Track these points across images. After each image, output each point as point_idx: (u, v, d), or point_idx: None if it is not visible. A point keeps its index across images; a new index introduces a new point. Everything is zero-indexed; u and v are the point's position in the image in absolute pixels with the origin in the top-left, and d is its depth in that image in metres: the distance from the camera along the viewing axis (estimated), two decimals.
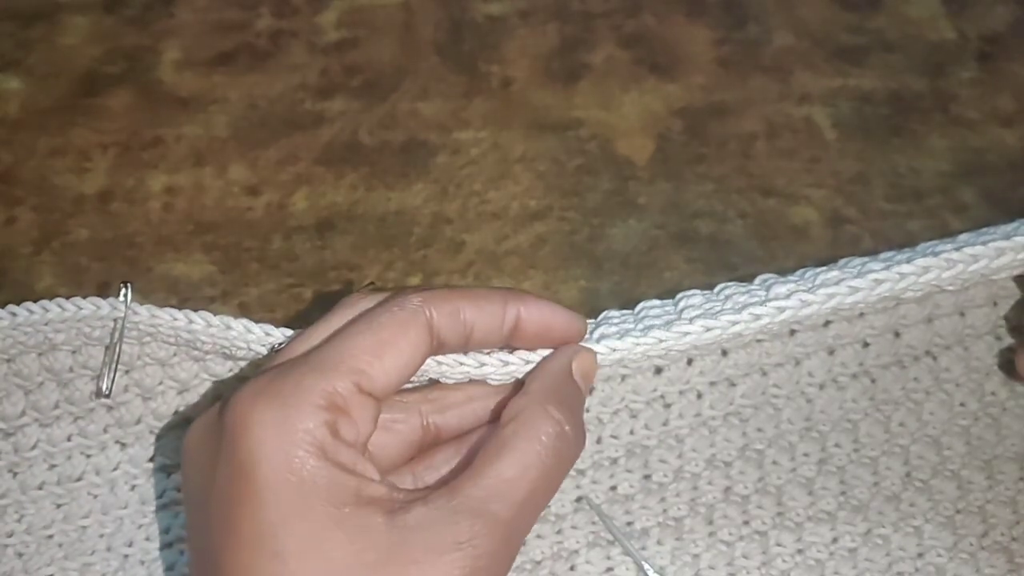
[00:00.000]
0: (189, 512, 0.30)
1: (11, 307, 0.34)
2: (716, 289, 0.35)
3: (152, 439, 0.36)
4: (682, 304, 0.34)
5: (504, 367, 0.32)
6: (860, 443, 0.36)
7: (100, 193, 0.45)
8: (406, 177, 0.46)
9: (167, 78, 0.50)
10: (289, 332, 0.33)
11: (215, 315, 0.33)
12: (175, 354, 0.35)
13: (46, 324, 0.34)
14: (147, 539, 0.35)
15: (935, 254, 0.33)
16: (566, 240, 0.43)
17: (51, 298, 0.35)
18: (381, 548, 0.26)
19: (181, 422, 0.36)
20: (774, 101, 0.48)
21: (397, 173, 0.46)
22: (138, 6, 0.53)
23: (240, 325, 0.33)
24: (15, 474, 0.36)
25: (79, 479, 0.36)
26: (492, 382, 0.32)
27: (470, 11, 0.53)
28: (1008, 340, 0.37)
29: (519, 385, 0.32)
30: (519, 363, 0.32)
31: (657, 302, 0.35)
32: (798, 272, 0.35)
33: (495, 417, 0.33)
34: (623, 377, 0.35)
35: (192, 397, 0.36)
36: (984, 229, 0.35)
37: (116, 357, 0.34)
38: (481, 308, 0.31)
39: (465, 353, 0.32)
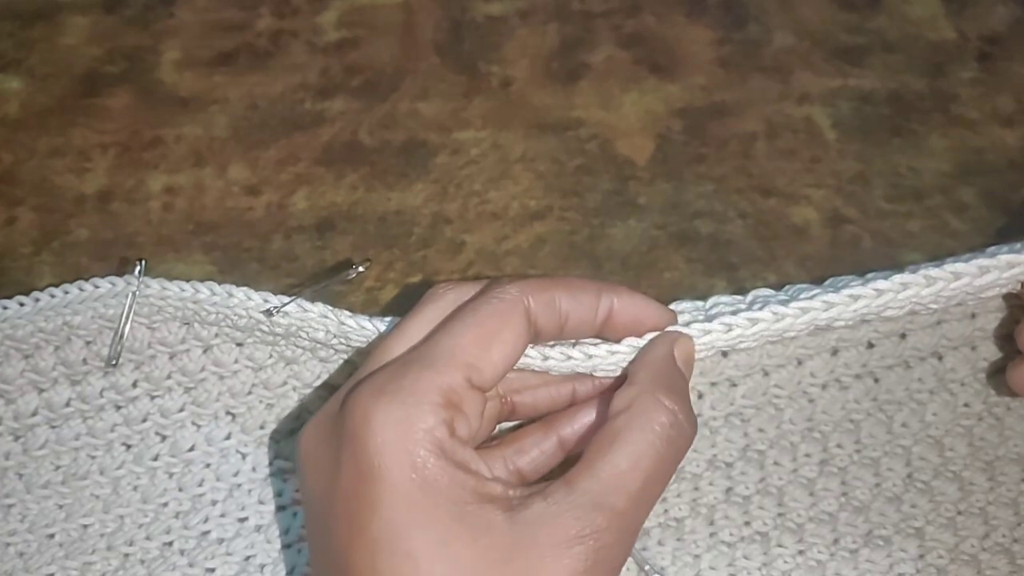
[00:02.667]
0: (311, 513, 0.30)
1: (35, 293, 0.36)
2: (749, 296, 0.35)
3: (157, 440, 0.37)
4: (750, 298, 0.35)
5: (611, 356, 0.32)
6: (862, 444, 0.36)
7: (100, 193, 0.45)
8: (406, 177, 0.46)
9: (167, 78, 0.50)
10: (285, 298, 0.34)
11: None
12: (183, 340, 0.36)
13: (66, 306, 0.36)
14: (147, 538, 0.35)
15: (915, 271, 0.33)
16: (566, 240, 0.43)
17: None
18: (504, 545, 0.26)
19: (187, 419, 0.37)
20: (774, 101, 0.48)
21: (397, 173, 0.46)
22: (138, 6, 0.53)
23: (241, 293, 0.35)
24: (21, 475, 0.36)
25: (84, 478, 0.36)
26: (599, 374, 0.32)
27: (470, 11, 0.53)
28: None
29: (585, 377, 0.32)
30: (627, 351, 0.32)
31: (727, 298, 0.35)
32: (829, 281, 0.35)
33: (570, 402, 0.33)
34: None
35: (199, 394, 0.37)
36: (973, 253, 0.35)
37: (126, 324, 0.35)
38: (576, 298, 0.31)
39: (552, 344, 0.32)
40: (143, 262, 0.36)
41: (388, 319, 0.34)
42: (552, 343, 0.33)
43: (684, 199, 0.44)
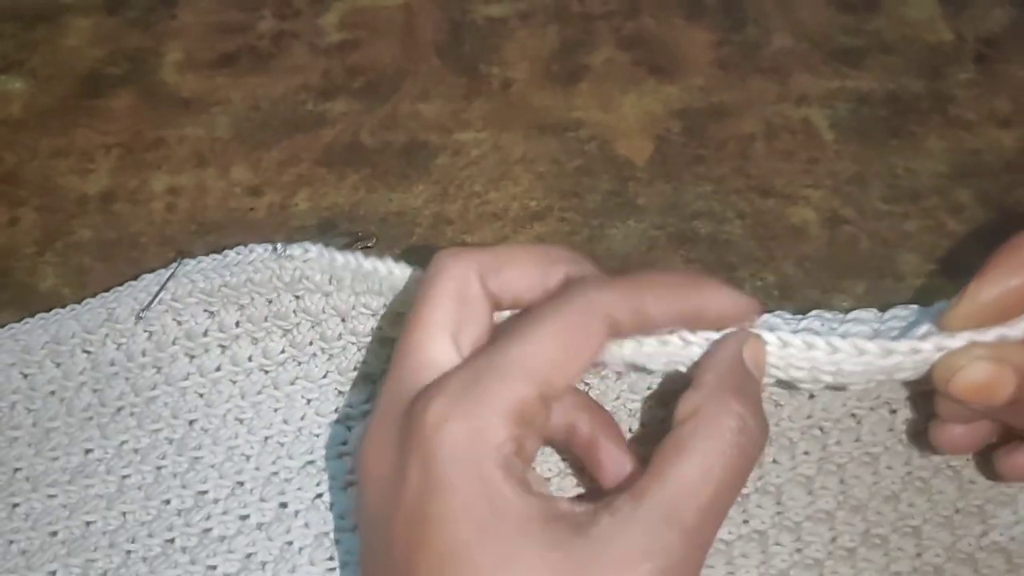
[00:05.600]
0: (369, 523, 0.28)
1: (87, 300, 0.39)
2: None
3: (166, 443, 0.37)
4: (851, 317, 0.34)
5: (663, 348, 0.30)
6: (862, 441, 0.36)
7: (103, 194, 0.46)
8: (407, 178, 0.46)
9: (169, 79, 0.50)
10: (274, 245, 0.37)
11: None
12: (206, 332, 0.38)
13: (114, 300, 0.38)
14: (150, 536, 0.36)
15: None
16: (566, 241, 0.43)
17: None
18: (573, 563, 0.25)
19: (198, 422, 0.38)
20: (772, 102, 0.48)
21: (398, 174, 0.46)
22: (140, 8, 0.53)
23: (260, 248, 0.37)
24: (28, 478, 0.36)
25: (90, 477, 0.36)
26: (681, 368, 0.31)
27: (470, 13, 0.53)
28: None
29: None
30: (679, 344, 0.30)
31: (828, 314, 0.34)
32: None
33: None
34: (618, 375, 0.35)
35: (212, 397, 0.38)
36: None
37: (161, 288, 0.38)
38: (667, 302, 0.29)
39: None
40: (182, 258, 0.39)
41: (394, 263, 0.35)
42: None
43: (683, 200, 0.45)
